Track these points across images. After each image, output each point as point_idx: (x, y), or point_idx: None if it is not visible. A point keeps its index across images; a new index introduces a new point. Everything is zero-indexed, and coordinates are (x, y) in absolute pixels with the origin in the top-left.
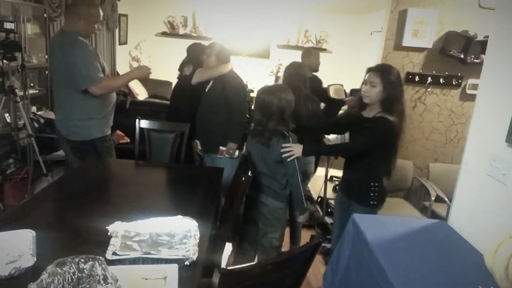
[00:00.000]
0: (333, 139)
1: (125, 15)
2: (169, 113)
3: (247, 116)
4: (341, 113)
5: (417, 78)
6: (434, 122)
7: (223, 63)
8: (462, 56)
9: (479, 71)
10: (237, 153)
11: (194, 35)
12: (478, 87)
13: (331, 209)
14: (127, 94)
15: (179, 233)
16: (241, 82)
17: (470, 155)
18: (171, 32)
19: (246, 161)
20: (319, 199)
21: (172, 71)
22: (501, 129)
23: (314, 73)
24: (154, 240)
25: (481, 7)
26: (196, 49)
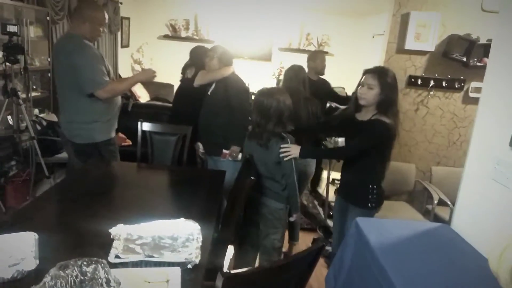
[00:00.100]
0: (341, 142)
1: (127, 18)
2: (171, 116)
3: (249, 118)
4: (335, 113)
5: (419, 82)
6: (437, 125)
7: (226, 66)
8: (464, 59)
9: (481, 74)
10: (240, 156)
11: (196, 38)
12: (481, 90)
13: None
14: (129, 97)
15: (181, 236)
16: (243, 84)
17: (473, 158)
18: (173, 35)
19: (249, 164)
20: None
21: (174, 74)
22: (504, 132)
23: (321, 77)
24: (157, 243)
25: (484, 10)
26: (198, 52)
